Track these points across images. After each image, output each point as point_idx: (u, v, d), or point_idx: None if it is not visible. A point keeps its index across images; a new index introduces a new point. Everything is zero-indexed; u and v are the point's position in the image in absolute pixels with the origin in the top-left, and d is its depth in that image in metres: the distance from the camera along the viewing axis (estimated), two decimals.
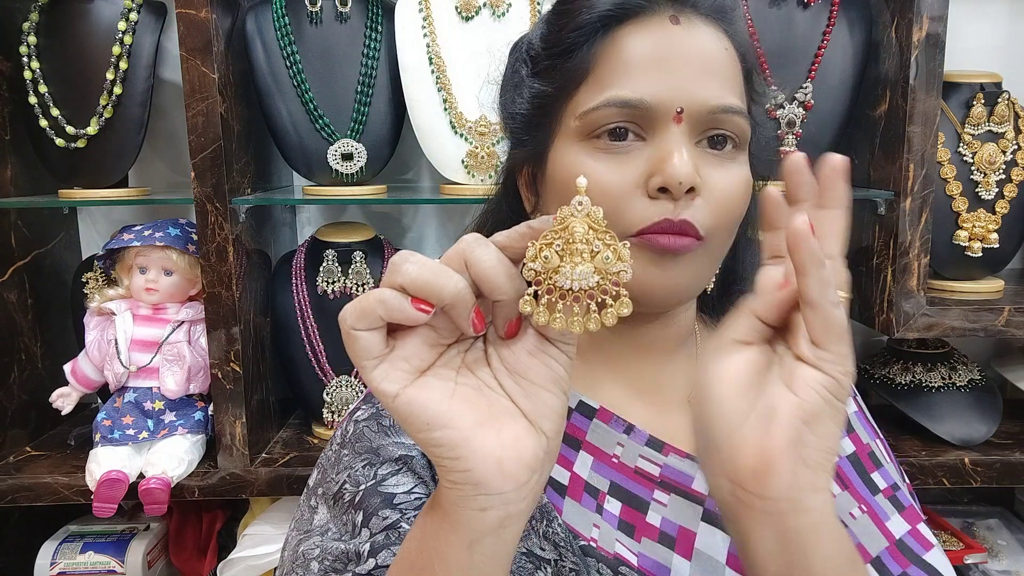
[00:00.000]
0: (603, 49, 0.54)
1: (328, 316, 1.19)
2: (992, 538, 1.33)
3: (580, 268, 0.39)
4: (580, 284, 0.39)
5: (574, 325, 0.40)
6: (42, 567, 1.18)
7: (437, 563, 0.42)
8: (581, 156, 0.54)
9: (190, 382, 1.15)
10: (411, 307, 0.38)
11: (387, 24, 1.15)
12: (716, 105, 0.53)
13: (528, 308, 0.40)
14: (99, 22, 1.13)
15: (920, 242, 1.10)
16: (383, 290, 0.39)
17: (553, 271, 0.39)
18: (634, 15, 0.54)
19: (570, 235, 0.39)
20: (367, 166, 1.15)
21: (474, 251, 0.39)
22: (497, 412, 0.41)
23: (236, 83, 1.11)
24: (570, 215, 0.39)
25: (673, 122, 0.53)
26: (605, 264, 0.39)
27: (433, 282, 0.38)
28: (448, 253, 0.40)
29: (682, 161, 0.51)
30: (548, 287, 0.39)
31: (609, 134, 0.53)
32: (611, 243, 0.39)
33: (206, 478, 1.12)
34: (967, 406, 1.21)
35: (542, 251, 0.39)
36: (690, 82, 0.53)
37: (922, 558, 0.56)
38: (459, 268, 0.39)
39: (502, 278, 0.39)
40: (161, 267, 1.15)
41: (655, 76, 0.53)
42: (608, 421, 0.60)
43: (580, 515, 0.56)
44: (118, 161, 1.18)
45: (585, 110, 0.54)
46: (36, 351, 1.28)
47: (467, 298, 0.39)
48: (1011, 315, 1.11)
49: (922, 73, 1.06)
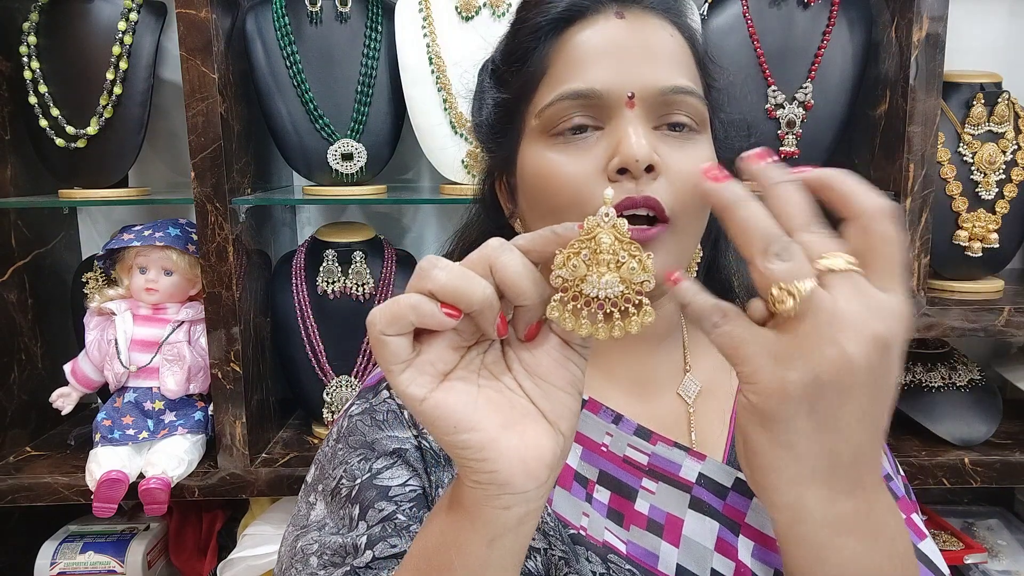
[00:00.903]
0: (555, 50, 0.57)
1: (328, 316, 1.19)
2: (992, 538, 1.33)
3: (607, 277, 0.40)
4: (606, 292, 0.40)
5: (599, 332, 0.41)
6: (42, 567, 1.18)
7: (456, 559, 0.42)
8: (544, 151, 0.57)
9: (190, 382, 1.15)
10: (441, 312, 0.39)
11: (387, 24, 1.15)
12: (666, 86, 0.55)
13: (556, 313, 0.41)
14: (99, 22, 1.13)
15: (920, 242, 1.10)
16: (413, 296, 0.39)
17: (580, 279, 0.40)
18: (581, 16, 0.57)
19: (597, 245, 0.40)
20: (367, 166, 1.15)
21: (499, 256, 0.39)
22: (519, 414, 0.42)
23: (236, 83, 1.11)
24: (597, 225, 0.41)
25: (626, 107, 0.54)
26: (631, 274, 0.40)
27: (462, 288, 0.39)
28: (472, 257, 0.40)
29: (638, 141, 0.53)
30: (574, 294, 0.41)
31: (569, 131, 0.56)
32: (636, 254, 0.41)
33: (206, 478, 1.12)
34: (967, 406, 1.21)
35: (570, 259, 0.40)
36: (639, 67, 0.55)
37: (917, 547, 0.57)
38: (484, 273, 0.40)
39: (527, 283, 0.39)
40: (161, 267, 1.15)
41: (604, 65, 0.55)
42: (597, 412, 0.61)
43: (570, 504, 0.58)
44: (118, 161, 1.18)
45: (542, 107, 0.56)
46: (36, 351, 1.28)
47: (494, 304, 0.40)
48: (1011, 315, 1.11)
49: (922, 73, 1.06)
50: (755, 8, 1.13)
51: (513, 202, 0.63)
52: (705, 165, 0.41)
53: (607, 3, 0.57)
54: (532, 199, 0.58)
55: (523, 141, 0.59)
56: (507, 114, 0.61)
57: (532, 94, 0.58)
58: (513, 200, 0.63)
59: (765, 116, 1.14)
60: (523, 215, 0.62)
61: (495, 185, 0.66)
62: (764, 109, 1.14)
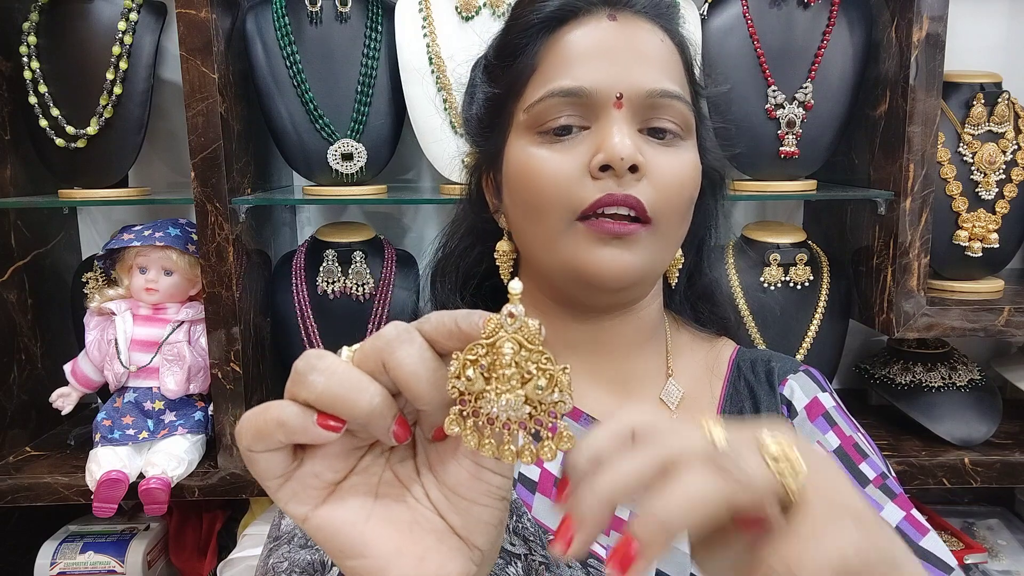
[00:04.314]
0: (546, 48, 0.58)
1: (328, 316, 1.19)
2: (992, 538, 1.33)
3: (507, 396, 0.32)
4: (508, 415, 0.33)
5: (505, 454, 0.34)
6: (42, 567, 1.18)
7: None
8: (529, 148, 0.57)
9: (190, 382, 1.15)
10: (316, 427, 0.33)
11: (387, 24, 1.15)
12: (654, 89, 0.55)
13: (456, 428, 0.34)
14: (99, 22, 1.13)
15: (920, 242, 1.10)
16: (283, 407, 0.33)
17: (479, 394, 0.33)
18: (574, 16, 0.58)
19: (496, 354, 0.32)
20: (367, 166, 1.15)
21: (394, 352, 0.33)
22: (422, 532, 0.36)
23: (236, 83, 1.11)
24: (499, 327, 0.33)
25: (614, 107, 0.55)
26: (538, 394, 0.32)
27: (344, 397, 0.33)
28: (365, 349, 0.34)
29: (623, 140, 0.53)
30: (474, 408, 0.33)
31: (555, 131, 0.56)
32: (546, 366, 0.33)
33: (206, 478, 1.12)
34: (967, 406, 1.20)
35: (466, 368, 0.33)
36: (628, 69, 0.55)
37: (919, 544, 0.57)
38: (376, 370, 0.34)
39: (424, 386, 0.33)
40: (161, 267, 1.15)
41: (594, 66, 0.55)
42: (578, 419, 0.61)
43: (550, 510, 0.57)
44: (118, 161, 1.18)
45: (531, 103, 0.57)
46: (36, 351, 1.28)
47: (384, 412, 0.33)
48: (1011, 315, 1.11)
49: (922, 73, 1.06)
50: (755, 8, 1.13)
51: (498, 198, 0.64)
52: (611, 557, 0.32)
53: (600, 5, 0.57)
54: (516, 195, 0.59)
55: (510, 137, 0.60)
56: (496, 109, 0.62)
57: (521, 90, 0.59)
58: (498, 196, 0.64)
59: (765, 116, 1.14)
60: (507, 211, 0.62)
61: (481, 180, 0.66)
62: (764, 109, 1.14)
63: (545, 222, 0.56)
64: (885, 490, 0.60)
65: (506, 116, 0.60)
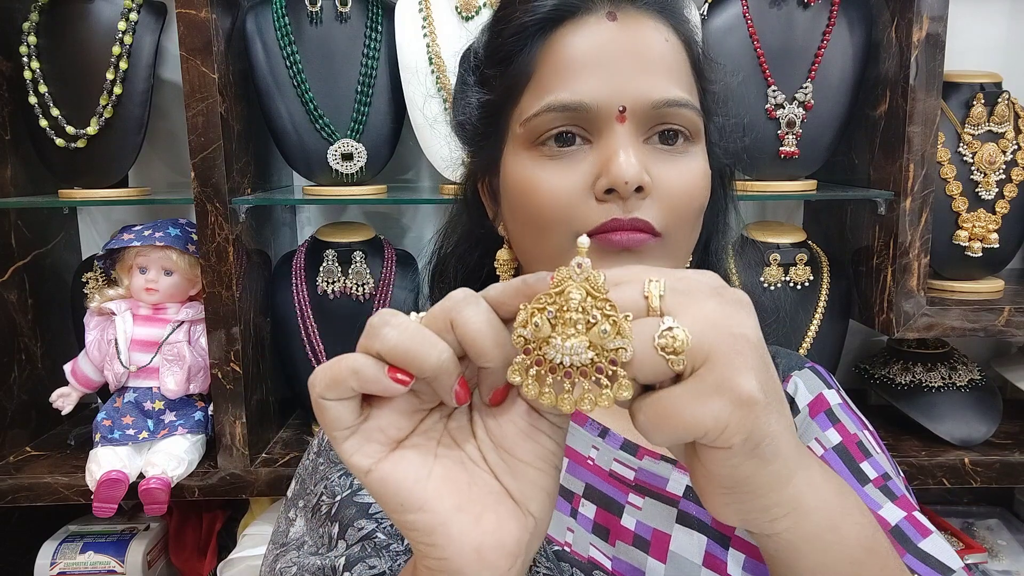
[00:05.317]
0: (542, 52, 0.54)
1: (328, 316, 1.19)
2: (992, 538, 1.33)
3: (572, 341, 0.34)
4: (572, 359, 0.34)
5: (564, 403, 0.35)
6: (42, 567, 1.18)
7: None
8: (529, 165, 0.54)
9: (190, 382, 1.15)
10: (388, 378, 0.34)
11: (387, 24, 1.15)
12: (660, 99, 0.52)
13: (517, 378, 0.35)
14: (99, 22, 1.13)
15: (920, 242, 1.10)
16: (357, 358, 0.35)
17: (543, 341, 0.34)
18: (571, 16, 0.53)
19: (565, 302, 0.34)
20: (367, 166, 1.15)
21: (461, 311, 0.35)
22: (479, 492, 0.37)
23: (236, 83, 1.11)
24: (568, 278, 0.34)
25: (617, 121, 0.52)
26: (602, 339, 0.34)
27: (414, 351, 0.34)
28: (433, 311, 0.36)
29: (628, 161, 0.50)
30: (537, 358, 0.35)
31: (555, 139, 0.53)
32: (611, 314, 0.34)
33: (206, 478, 1.12)
34: (967, 406, 1.20)
35: (533, 316, 0.34)
36: (631, 79, 0.52)
37: (918, 546, 0.56)
38: (444, 329, 0.35)
39: (489, 343, 0.35)
40: (161, 267, 1.15)
41: (594, 76, 0.52)
42: (583, 424, 0.60)
43: (554, 520, 0.56)
44: (118, 161, 1.18)
45: (527, 117, 0.53)
46: (36, 351, 1.28)
47: (450, 369, 0.35)
48: (1011, 315, 1.11)
49: (922, 73, 1.06)
50: (755, 8, 1.13)
51: (496, 204, 0.61)
52: None
53: (598, 2, 0.54)
54: (516, 211, 0.56)
55: (507, 147, 0.57)
56: (490, 117, 0.58)
57: (517, 99, 0.55)
58: (496, 202, 0.61)
59: (765, 116, 1.14)
60: (506, 222, 0.60)
61: (477, 186, 0.64)
62: (764, 109, 1.14)
63: (548, 240, 0.54)
64: (885, 491, 0.60)
65: (502, 124, 0.57)
